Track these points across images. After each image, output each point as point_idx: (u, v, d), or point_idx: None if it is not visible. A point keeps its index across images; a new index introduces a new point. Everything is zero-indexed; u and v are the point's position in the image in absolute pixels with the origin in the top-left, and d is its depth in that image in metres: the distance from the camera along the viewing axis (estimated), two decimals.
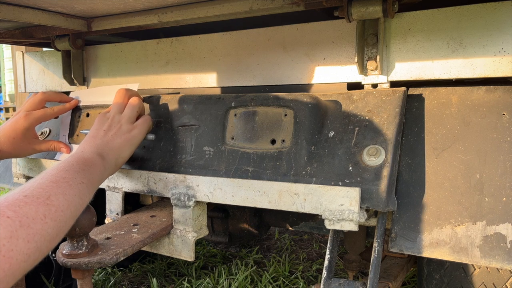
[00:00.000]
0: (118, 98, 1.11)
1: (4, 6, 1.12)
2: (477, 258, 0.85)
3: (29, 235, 0.65)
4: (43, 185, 0.75)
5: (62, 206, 0.74)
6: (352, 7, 0.95)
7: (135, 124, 1.07)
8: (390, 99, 0.96)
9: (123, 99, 1.11)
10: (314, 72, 1.13)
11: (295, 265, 2.03)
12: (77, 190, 0.80)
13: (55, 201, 0.73)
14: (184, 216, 1.04)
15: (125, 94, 1.12)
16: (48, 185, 0.75)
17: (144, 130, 1.08)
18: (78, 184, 0.81)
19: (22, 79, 1.69)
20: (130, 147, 1.04)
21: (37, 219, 0.67)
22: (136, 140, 1.06)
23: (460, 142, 0.92)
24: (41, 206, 0.70)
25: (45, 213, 0.69)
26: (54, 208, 0.72)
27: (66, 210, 0.74)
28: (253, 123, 1.06)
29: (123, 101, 1.10)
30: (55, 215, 0.71)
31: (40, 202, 0.70)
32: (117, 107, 1.09)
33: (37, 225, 0.67)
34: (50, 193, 0.73)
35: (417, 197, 0.92)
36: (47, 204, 0.71)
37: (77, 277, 0.90)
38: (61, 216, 0.73)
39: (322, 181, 0.93)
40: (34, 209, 0.68)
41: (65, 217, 0.74)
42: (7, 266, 0.59)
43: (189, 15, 1.19)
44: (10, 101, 9.86)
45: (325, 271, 0.93)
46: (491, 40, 0.92)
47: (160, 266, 2.04)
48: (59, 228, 0.72)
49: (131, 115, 1.07)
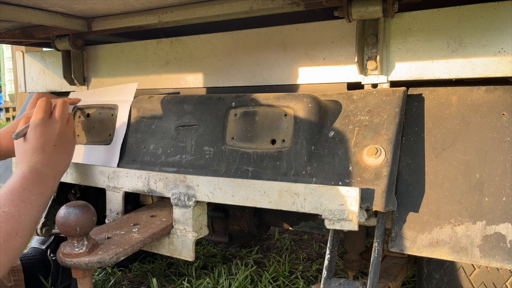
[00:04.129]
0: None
1: (4, 6, 1.12)
2: (477, 257, 0.85)
3: (8, 249, 0.79)
4: (15, 203, 0.87)
5: (27, 226, 0.86)
6: (352, 7, 0.95)
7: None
8: (390, 99, 0.96)
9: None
10: (314, 72, 1.13)
11: (295, 265, 2.03)
12: (38, 212, 0.93)
13: (24, 220, 0.85)
14: (184, 216, 1.04)
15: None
16: (19, 204, 0.87)
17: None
18: (39, 207, 0.93)
19: (22, 79, 1.69)
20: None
21: (13, 235, 0.81)
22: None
23: (460, 142, 0.92)
24: (16, 223, 0.83)
25: (17, 230, 0.83)
26: (23, 226, 0.84)
27: (29, 229, 0.87)
28: (253, 123, 1.06)
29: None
30: (23, 233, 0.84)
31: (15, 220, 0.83)
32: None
33: (12, 241, 0.80)
34: (21, 212, 0.86)
35: (417, 197, 0.92)
36: (19, 222, 0.84)
37: (77, 276, 0.90)
38: (26, 234, 0.85)
39: (322, 181, 0.93)
40: (10, 226, 0.81)
41: (28, 235, 0.87)
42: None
43: (189, 15, 1.19)
44: (10, 101, 9.87)
45: (325, 271, 0.93)
46: (491, 40, 0.92)
47: (160, 266, 2.04)
48: (23, 244, 0.85)
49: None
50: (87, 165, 1.21)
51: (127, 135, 1.24)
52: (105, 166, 1.19)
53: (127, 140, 1.24)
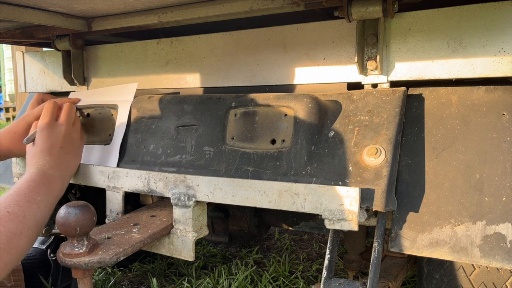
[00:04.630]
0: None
1: (4, 6, 1.12)
2: (477, 257, 0.85)
3: (11, 248, 0.80)
4: (20, 203, 0.88)
5: (32, 226, 0.87)
6: (352, 7, 0.95)
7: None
8: (390, 99, 0.96)
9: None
10: (314, 72, 1.13)
11: (295, 265, 2.03)
12: (44, 213, 0.94)
13: (28, 220, 0.87)
14: (184, 216, 1.04)
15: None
16: (24, 204, 0.89)
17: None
18: (45, 208, 0.95)
19: (22, 79, 1.69)
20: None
21: (17, 235, 0.82)
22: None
23: (460, 142, 0.92)
24: (20, 223, 0.84)
25: (21, 230, 0.84)
26: (27, 226, 0.86)
27: (34, 229, 0.88)
28: (253, 123, 1.06)
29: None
30: (28, 233, 0.86)
31: (19, 219, 0.84)
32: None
33: (16, 240, 0.82)
34: (26, 212, 0.87)
35: (417, 197, 0.92)
36: (24, 222, 0.85)
37: (77, 276, 0.90)
38: (31, 234, 0.87)
39: (322, 181, 0.93)
40: (15, 226, 0.82)
41: (33, 235, 0.88)
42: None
43: (189, 15, 1.19)
44: (10, 101, 9.87)
45: (325, 271, 0.93)
46: (491, 40, 0.92)
47: (160, 266, 2.04)
48: (28, 244, 0.86)
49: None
50: (87, 165, 1.21)
51: (127, 135, 1.24)
52: (105, 166, 1.19)
53: (127, 140, 1.24)
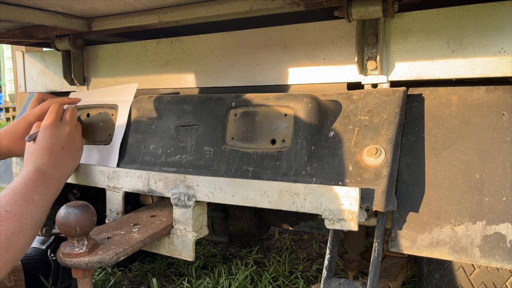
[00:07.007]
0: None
1: (4, 6, 1.12)
2: (477, 257, 0.85)
3: (10, 247, 0.80)
4: (17, 202, 0.88)
5: (30, 225, 0.87)
6: (352, 7, 0.95)
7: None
8: (390, 99, 0.96)
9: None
10: (314, 72, 1.13)
11: (295, 265, 2.03)
12: (41, 212, 0.94)
13: (26, 219, 0.87)
14: (184, 216, 1.04)
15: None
16: (22, 203, 0.89)
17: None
18: (42, 207, 0.95)
19: (22, 79, 1.69)
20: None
21: (15, 234, 0.82)
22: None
23: (460, 142, 0.92)
24: (18, 222, 0.84)
25: (19, 229, 0.84)
26: (25, 225, 0.86)
27: (32, 229, 0.88)
28: (253, 123, 1.06)
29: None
30: (25, 232, 0.85)
31: (17, 219, 0.85)
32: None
33: (15, 239, 0.82)
34: (23, 212, 0.87)
35: (417, 197, 0.92)
36: (21, 221, 0.85)
37: (77, 276, 0.90)
38: (29, 233, 0.87)
39: (322, 181, 0.93)
40: (13, 225, 0.82)
41: (31, 234, 0.88)
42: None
43: (189, 15, 1.19)
44: (10, 101, 9.87)
45: (325, 271, 0.93)
46: (491, 40, 0.92)
47: (160, 266, 2.04)
48: (26, 243, 0.86)
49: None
50: (87, 165, 1.21)
51: (127, 135, 1.24)
52: (105, 166, 1.19)
53: (127, 140, 1.24)
